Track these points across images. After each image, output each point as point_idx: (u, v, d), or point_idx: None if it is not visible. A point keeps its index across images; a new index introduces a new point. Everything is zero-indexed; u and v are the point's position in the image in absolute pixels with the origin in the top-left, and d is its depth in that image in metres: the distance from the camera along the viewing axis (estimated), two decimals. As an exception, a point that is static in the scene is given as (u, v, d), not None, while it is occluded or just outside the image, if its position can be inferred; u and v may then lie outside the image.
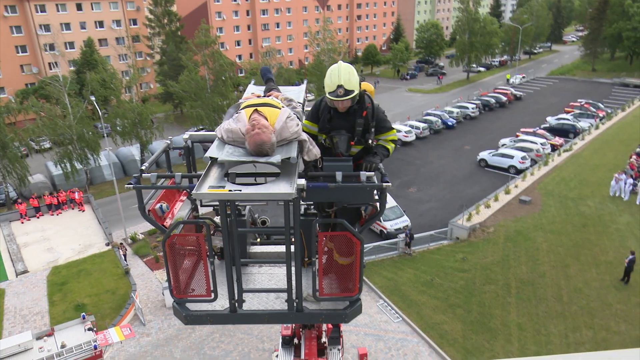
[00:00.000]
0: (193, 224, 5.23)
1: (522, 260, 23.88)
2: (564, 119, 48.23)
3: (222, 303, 4.87)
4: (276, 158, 4.20)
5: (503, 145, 41.89)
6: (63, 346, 15.40)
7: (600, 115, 50.73)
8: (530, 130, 44.64)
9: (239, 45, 76.75)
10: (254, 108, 4.53)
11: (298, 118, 4.92)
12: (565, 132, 45.49)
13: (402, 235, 25.35)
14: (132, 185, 4.75)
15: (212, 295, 4.71)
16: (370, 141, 5.13)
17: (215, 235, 5.83)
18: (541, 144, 40.28)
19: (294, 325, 15.18)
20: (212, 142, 5.08)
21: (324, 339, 14.74)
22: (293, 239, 4.57)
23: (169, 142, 5.91)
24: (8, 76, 55.87)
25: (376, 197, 4.83)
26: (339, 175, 4.42)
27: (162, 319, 21.23)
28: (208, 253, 4.55)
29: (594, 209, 28.91)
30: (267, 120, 4.49)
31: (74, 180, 36.29)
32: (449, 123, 49.74)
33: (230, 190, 3.88)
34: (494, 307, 20.60)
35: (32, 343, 15.47)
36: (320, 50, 53.96)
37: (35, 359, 14.75)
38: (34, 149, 43.52)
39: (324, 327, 14.64)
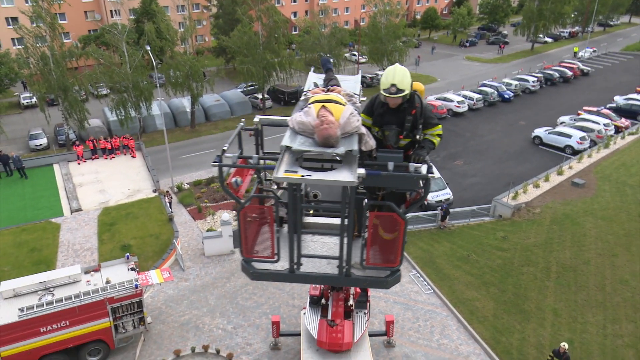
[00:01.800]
0: (262, 197, 6.06)
1: (566, 244, 22.95)
2: (633, 99, 44.54)
3: (282, 264, 5.72)
4: (341, 150, 4.83)
5: (562, 123, 39.57)
6: (108, 282, 16.44)
7: (676, 97, 46.69)
8: (594, 109, 41.80)
9: (294, 1, 75.48)
10: (322, 104, 5.22)
11: (357, 113, 5.55)
12: (634, 113, 42.15)
13: (439, 209, 24.89)
14: (216, 164, 5.75)
15: (275, 257, 5.60)
16: (417, 136, 5.78)
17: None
18: (604, 124, 37.71)
19: (322, 286, 15.44)
20: (278, 125, 6.40)
21: (350, 302, 15.03)
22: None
23: (242, 124, 7.01)
24: (73, 21, 57.91)
25: (421, 184, 5.49)
26: (390, 165, 5.05)
27: (200, 267, 22.18)
28: (275, 222, 5.45)
29: None
30: (332, 116, 5.14)
31: (128, 127, 37.78)
32: (506, 96, 47.41)
33: (302, 175, 4.62)
34: (530, 290, 20.07)
35: (80, 276, 16.60)
36: (377, 11, 52.15)
37: (82, 290, 15.84)
38: (93, 94, 45.42)
39: (352, 290, 14.86)
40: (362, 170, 4.78)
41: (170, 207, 26.55)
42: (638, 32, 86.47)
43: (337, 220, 6.32)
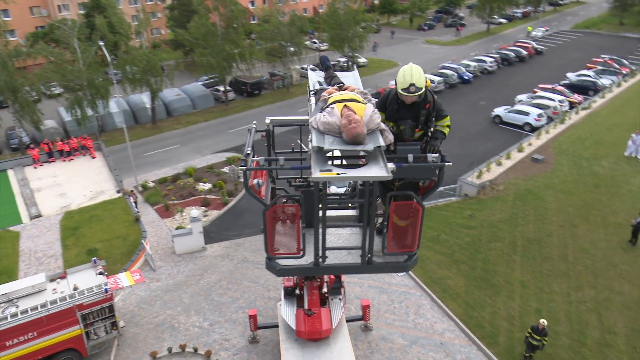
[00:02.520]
0: (291, 198, 6.24)
1: (530, 218, 23.79)
2: (585, 75, 46.54)
3: (306, 259, 5.97)
4: (370, 146, 5.05)
5: (519, 101, 40.78)
6: (75, 288, 15.90)
7: (624, 72, 48.76)
8: (549, 86, 43.29)
9: (251, -10, 74.24)
10: (344, 104, 5.43)
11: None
12: (586, 89, 44.09)
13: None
14: (244, 168, 5.96)
15: (301, 252, 5.76)
16: (431, 128, 6.16)
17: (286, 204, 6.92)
18: (559, 101, 39.19)
19: (296, 277, 15.48)
20: (288, 125, 6.88)
21: (324, 290, 15.13)
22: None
23: (254, 126, 7.13)
24: (18, 18, 55.04)
25: (436, 173, 5.89)
26: (410, 157, 5.40)
27: (172, 266, 21.79)
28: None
29: (607, 169, 28.42)
30: (356, 114, 5.38)
31: (85, 127, 36.42)
32: (465, 77, 48.48)
33: (338, 174, 4.77)
34: (499, 265, 20.69)
35: (45, 285, 15.98)
36: (335, -3, 51.94)
37: (48, 299, 15.28)
38: (45, 94, 43.49)
39: (326, 278, 14.95)
40: (391, 165, 5.08)
41: (136, 207, 25.89)
42: (586, 10, 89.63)
43: (347, 212, 6.98)
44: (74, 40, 35.16)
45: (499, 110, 37.90)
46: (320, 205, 5.60)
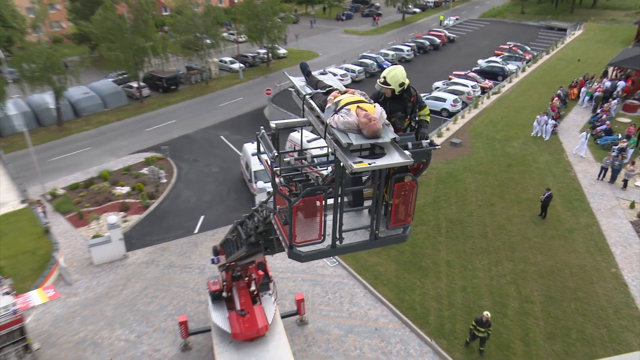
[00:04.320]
0: (319, 191, 6.44)
1: (452, 200, 24.79)
2: (493, 61, 49.43)
3: (325, 243, 6.65)
4: (387, 139, 5.88)
5: (436, 88, 42.48)
6: (-24, 314, 14.21)
7: (527, 57, 52.54)
8: (462, 73, 45.49)
9: (162, -20, 70.60)
10: (357, 105, 6.18)
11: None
12: (495, 74, 46.87)
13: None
14: (277, 168, 6.67)
15: (322, 238, 6.50)
16: (417, 118, 7.28)
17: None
18: (472, 86, 41.25)
19: (222, 279, 14.98)
20: (293, 127, 7.60)
21: (253, 288, 14.76)
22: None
23: (263, 131, 7.42)
24: None
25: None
26: (410, 145, 6.41)
27: (90, 278, 20.23)
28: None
29: (518, 149, 30.31)
30: (371, 113, 6.14)
31: (-21, 133, 32.73)
32: (384, 66, 49.60)
33: (369, 164, 5.58)
34: (426, 247, 21.35)
35: (-61, 313, 14.12)
36: (251, -12, 50.79)
37: (-57, 330, 13.50)
38: None
39: (253, 276, 14.54)
40: (407, 152, 5.94)
41: (45, 217, 23.69)
42: (492, 0, 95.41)
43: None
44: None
45: (418, 97, 39.37)
46: (339, 193, 6.34)
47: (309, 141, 24.79)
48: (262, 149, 7.26)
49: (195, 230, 23.78)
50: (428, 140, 6.85)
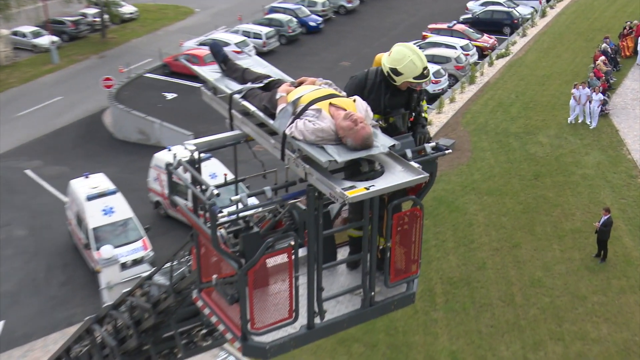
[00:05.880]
0: (282, 238, 4.85)
1: (449, 245, 17.13)
2: (493, 3, 35.59)
3: (298, 323, 5.00)
4: (384, 148, 4.51)
5: None
6: None
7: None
8: (444, 26, 32.69)
9: None
10: (328, 101, 4.70)
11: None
12: (498, 24, 34.43)
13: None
14: (224, 214, 4.74)
15: (294, 315, 4.83)
16: (422, 113, 5.72)
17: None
18: (462, 47, 29.63)
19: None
20: (220, 147, 5.61)
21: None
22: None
23: (189, 149, 5.41)
24: None
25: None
26: (409, 153, 4.82)
27: None
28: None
29: (548, 147, 21.73)
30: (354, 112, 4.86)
31: None
32: (312, 24, 35.04)
33: (367, 189, 4.16)
34: (413, 331, 14.35)
35: None
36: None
37: None
38: None
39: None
40: (415, 164, 4.57)
41: None
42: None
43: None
44: None
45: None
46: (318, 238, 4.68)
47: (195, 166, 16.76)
48: (182, 183, 4.89)
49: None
50: (433, 144, 5.17)
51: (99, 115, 28.00)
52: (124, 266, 15.34)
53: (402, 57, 5.05)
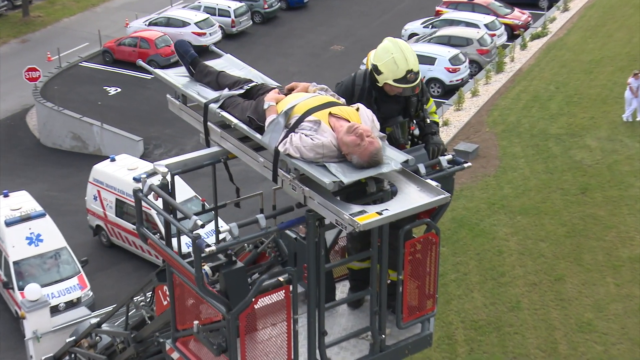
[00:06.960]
0: (280, 274, 4.51)
1: (472, 280, 14.70)
2: None
3: None
4: (397, 165, 4.12)
5: (413, 36, 26.20)
6: None
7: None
8: None
9: None
10: (327, 111, 4.30)
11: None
12: None
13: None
14: (211, 249, 4.18)
15: None
16: (427, 119, 5.16)
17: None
18: (486, 26, 25.51)
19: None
20: (197, 168, 5.22)
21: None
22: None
23: (161, 171, 4.86)
24: None
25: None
26: (422, 168, 4.41)
27: None
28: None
29: (598, 152, 18.90)
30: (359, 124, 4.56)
31: None
32: None
33: (380, 213, 3.80)
34: None
35: None
36: None
37: None
38: None
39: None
40: (434, 182, 4.23)
41: None
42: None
43: None
44: None
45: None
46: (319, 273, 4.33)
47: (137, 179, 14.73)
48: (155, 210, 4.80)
49: None
50: (449, 156, 4.80)
51: (22, 115, 23.74)
52: (55, 310, 12.81)
53: (385, 53, 4.61)
